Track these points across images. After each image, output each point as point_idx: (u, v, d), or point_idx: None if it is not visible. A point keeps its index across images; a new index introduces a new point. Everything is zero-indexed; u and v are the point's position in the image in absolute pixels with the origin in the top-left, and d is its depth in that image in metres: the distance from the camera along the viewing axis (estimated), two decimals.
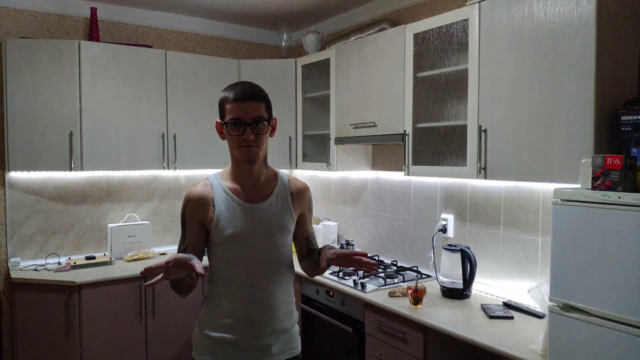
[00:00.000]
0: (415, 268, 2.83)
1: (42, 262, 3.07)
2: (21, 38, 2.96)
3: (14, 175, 3.06)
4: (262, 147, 1.52)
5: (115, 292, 2.85)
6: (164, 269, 1.26)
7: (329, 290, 2.70)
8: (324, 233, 3.38)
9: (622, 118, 1.70)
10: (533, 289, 1.89)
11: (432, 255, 2.75)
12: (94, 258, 3.11)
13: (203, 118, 3.37)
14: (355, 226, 3.46)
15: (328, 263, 1.50)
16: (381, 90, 2.71)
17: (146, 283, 1.29)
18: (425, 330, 2.11)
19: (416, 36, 2.51)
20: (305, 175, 3.98)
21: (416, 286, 2.23)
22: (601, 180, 1.51)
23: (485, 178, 2.17)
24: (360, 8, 3.36)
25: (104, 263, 3.09)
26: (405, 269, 2.83)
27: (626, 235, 1.41)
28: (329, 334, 2.72)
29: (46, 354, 2.77)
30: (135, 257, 3.20)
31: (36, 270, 2.93)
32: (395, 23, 2.94)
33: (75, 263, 3.00)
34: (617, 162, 1.47)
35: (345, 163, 3.17)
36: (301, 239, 1.71)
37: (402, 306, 2.24)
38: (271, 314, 1.56)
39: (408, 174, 2.58)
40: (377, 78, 2.74)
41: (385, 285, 2.55)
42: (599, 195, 1.48)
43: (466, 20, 2.24)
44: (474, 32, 2.19)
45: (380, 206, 3.25)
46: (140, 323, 2.94)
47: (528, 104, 1.98)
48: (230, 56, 3.89)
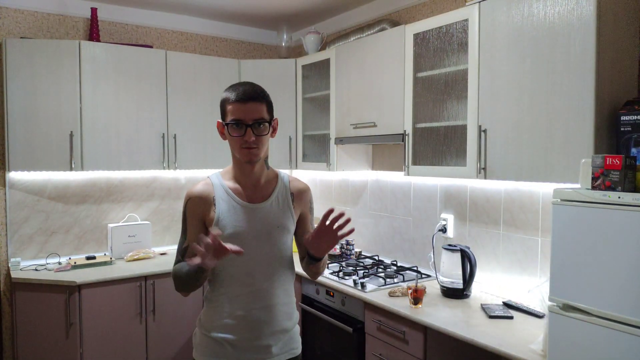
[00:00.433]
0: (415, 268, 2.83)
1: (43, 262, 3.07)
2: (21, 38, 2.96)
3: (14, 175, 3.07)
4: (263, 148, 1.53)
5: (115, 292, 2.85)
6: (207, 250, 1.31)
7: (329, 290, 2.70)
8: None
9: (622, 118, 1.70)
10: (533, 289, 1.90)
11: (432, 255, 2.75)
12: (94, 258, 3.11)
13: (203, 118, 3.37)
14: (355, 226, 3.46)
15: (311, 253, 1.52)
16: (381, 90, 2.71)
17: (188, 261, 1.35)
18: (425, 330, 2.11)
19: (416, 36, 2.51)
20: (305, 175, 3.98)
21: (416, 286, 2.23)
22: (601, 180, 1.51)
23: (485, 178, 2.17)
24: (360, 8, 3.36)
25: (104, 263, 3.09)
26: (405, 269, 2.83)
27: (626, 235, 1.41)
28: (329, 334, 2.72)
29: (46, 354, 2.77)
30: (135, 257, 3.20)
31: (36, 270, 2.94)
32: (395, 23, 2.94)
33: (75, 263, 3.00)
34: (617, 162, 1.48)
35: (345, 163, 3.17)
36: (302, 240, 1.71)
37: (402, 306, 2.24)
38: (271, 315, 1.56)
39: (408, 174, 2.58)
40: (377, 78, 2.74)
41: (385, 285, 2.55)
42: (599, 195, 1.48)
43: (466, 20, 2.24)
44: (474, 32, 2.19)
45: (380, 206, 3.25)
46: (140, 323, 2.94)
47: (528, 104, 1.98)
48: (230, 56, 3.90)
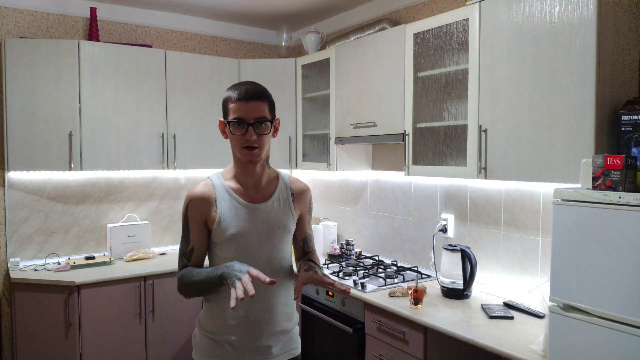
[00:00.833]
0: (415, 268, 2.83)
1: (42, 262, 3.07)
2: (21, 38, 2.96)
3: (14, 175, 3.06)
4: (265, 148, 1.52)
5: (115, 293, 2.85)
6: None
7: (329, 290, 2.69)
8: (324, 233, 3.38)
9: (622, 118, 1.70)
10: (533, 289, 1.89)
11: (432, 255, 2.75)
12: (94, 258, 3.10)
13: (203, 118, 3.37)
14: (355, 226, 3.46)
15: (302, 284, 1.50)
16: (381, 90, 2.71)
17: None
18: (425, 330, 2.10)
19: (416, 36, 2.51)
20: (305, 175, 3.98)
21: (416, 286, 2.23)
22: (601, 180, 1.51)
23: (485, 178, 2.16)
24: (360, 8, 3.36)
25: (104, 263, 3.09)
26: (405, 269, 2.83)
27: (626, 235, 1.41)
28: (329, 335, 2.72)
29: (46, 354, 2.76)
30: (134, 257, 3.20)
31: (36, 270, 2.93)
32: (395, 23, 2.94)
33: (74, 263, 2.99)
34: (618, 162, 1.47)
35: (345, 163, 3.16)
36: (298, 240, 1.71)
37: (402, 306, 2.24)
38: (272, 315, 1.56)
39: (408, 174, 2.57)
40: (377, 78, 2.74)
41: (385, 285, 2.55)
42: (600, 195, 1.48)
43: (466, 20, 2.24)
44: (474, 32, 2.19)
45: (380, 206, 3.24)
46: (140, 323, 2.93)
47: (528, 104, 1.98)
48: (230, 56, 3.89)
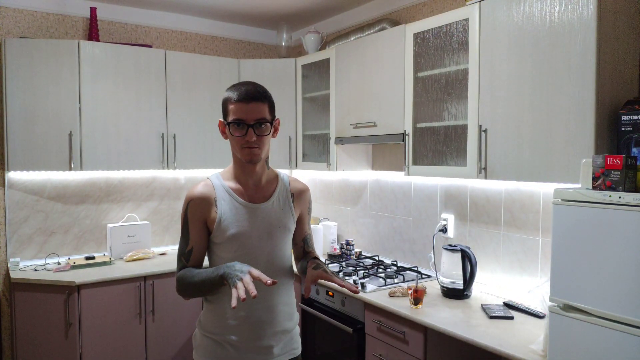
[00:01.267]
0: (415, 268, 2.83)
1: (42, 262, 3.07)
2: (21, 38, 2.96)
3: (14, 175, 3.06)
4: (265, 149, 1.52)
5: (114, 293, 2.85)
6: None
7: (329, 290, 2.69)
8: (324, 233, 3.38)
9: (623, 118, 1.70)
10: (533, 289, 1.89)
11: (432, 255, 2.75)
12: (94, 258, 3.10)
13: (203, 118, 3.37)
14: (355, 226, 3.46)
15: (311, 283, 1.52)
16: (381, 90, 2.71)
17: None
18: (425, 330, 2.10)
19: (416, 36, 2.51)
20: (305, 175, 3.98)
21: (416, 286, 2.23)
22: (601, 180, 1.51)
23: (485, 178, 2.16)
24: (360, 8, 3.36)
25: (104, 263, 3.09)
26: (405, 269, 2.83)
27: (626, 235, 1.41)
28: (329, 335, 2.72)
29: (46, 354, 2.76)
30: (134, 257, 3.20)
31: (36, 270, 2.93)
32: (395, 23, 2.94)
33: (74, 263, 2.99)
34: (618, 162, 1.47)
35: (345, 163, 3.16)
36: (298, 240, 1.71)
37: (402, 306, 2.24)
38: (272, 315, 1.56)
39: (408, 174, 2.57)
40: (377, 78, 2.74)
41: (385, 285, 2.55)
42: (600, 195, 1.48)
43: (466, 20, 2.24)
44: (474, 32, 2.19)
45: (380, 206, 3.24)
46: (140, 323, 2.93)
47: (528, 104, 1.98)
48: (230, 56, 3.89)
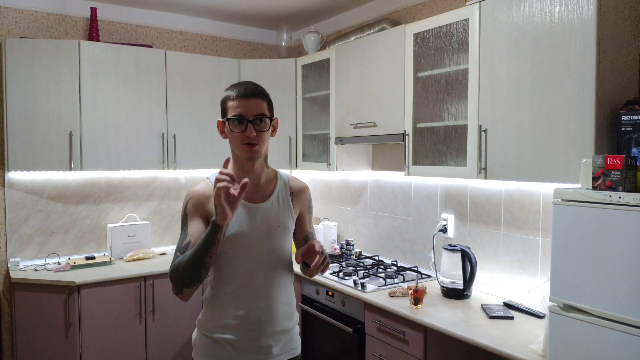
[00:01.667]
0: (415, 268, 2.83)
1: (42, 262, 3.07)
2: (21, 38, 2.96)
3: (14, 175, 3.06)
4: (264, 145, 1.53)
5: (115, 293, 2.85)
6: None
7: (329, 290, 2.69)
8: (324, 233, 3.38)
9: (622, 118, 1.70)
10: (533, 289, 1.89)
11: (432, 255, 2.75)
12: (94, 258, 3.10)
13: (203, 118, 3.37)
14: (355, 226, 3.46)
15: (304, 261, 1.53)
16: (381, 90, 2.71)
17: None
18: (425, 330, 2.10)
19: (416, 36, 2.51)
20: (305, 175, 3.98)
21: (416, 286, 2.23)
22: (601, 180, 1.51)
23: (485, 178, 2.16)
24: (360, 8, 3.36)
25: (104, 263, 3.09)
26: (405, 269, 2.83)
27: (626, 235, 1.41)
28: (329, 335, 2.72)
29: (46, 354, 2.76)
30: (135, 257, 3.20)
31: (36, 270, 2.93)
32: (395, 23, 2.94)
33: (74, 263, 2.99)
34: (618, 162, 1.47)
35: (345, 163, 3.16)
36: (300, 239, 1.71)
37: (402, 306, 2.24)
38: (272, 314, 1.56)
39: (408, 174, 2.57)
40: (377, 78, 2.74)
41: (385, 285, 2.55)
42: (600, 195, 1.48)
43: (466, 20, 2.24)
44: (474, 32, 2.19)
45: (380, 206, 3.24)
46: (140, 323, 2.93)
47: (528, 104, 1.98)
48: (230, 56, 3.90)
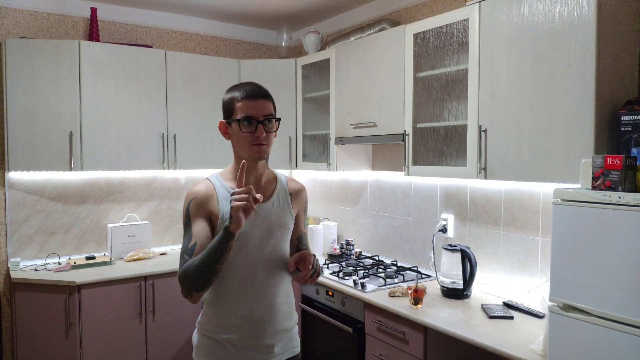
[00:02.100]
0: (415, 268, 2.83)
1: (42, 262, 3.07)
2: (21, 38, 2.96)
3: (14, 175, 3.06)
4: (271, 146, 1.55)
5: (115, 292, 2.85)
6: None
7: (329, 290, 2.69)
8: (324, 233, 3.38)
9: (622, 118, 1.70)
10: (533, 289, 1.90)
11: (432, 255, 2.75)
12: (94, 258, 3.11)
13: (203, 118, 3.37)
14: (355, 226, 3.46)
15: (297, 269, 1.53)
16: (381, 90, 2.71)
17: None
18: (425, 330, 2.11)
19: (416, 36, 2.51)
20: (305, 175, 3.98)
21: (416, 286, 2.23)
22: (601, 180, 1.51)
23: (485, 178, 2.17)
24: (360, 8, 3.36)
25: (104, 263, 3.09)
26: (405, 269, 2.83)
27: (626, 235, 1.41)
28: (329, 334, 2.72)
29: (46, 354, 2.76)
30: (135, 257, 3.20)
31: (36, 270, 2.93)
32: (395, 23, 2.94)
33: (75, 263, 3.00)
34: (617, 162, 1.47)
35: (345, 163, 3.17)
36: (293, 239, 1.71)
37: (402, 306, 2.24)
38: (273, 314, 1.57)
39: (408, 174, 2.57)
40: (377, 78, 2.74)
41: (385, 285, 2.55)
42: (599, 195, 1.48)
43: (466, 20, 2.24)
44: (474, 32, 2.19)
45: (380, 206, 3.24)
46: (140, 323, 2.94)
47: (528, 104, 1.98)
48: (230, 56, 3.90)
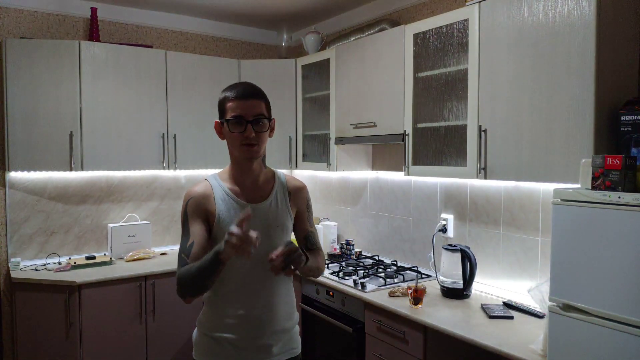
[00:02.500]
0: (415, 268, 2.83)
1: (42, 262, 3.07)
2: (21, 38, 2.97)
3: (14, 175, 3.07)
4: (263, 146, 1.54)
5: (115, 292, 2.85)
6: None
7: (329, 290, 2.70)
8: (324, 233, 3.38)
9: (622, 118, 1.70)
10: (533, 289, 1.90)
11: (432, 255, 2.75)
12: (94, 258, 3.11)
13: (203, 118, 3.37)
14: (355, 226, 3.47)
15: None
16: (381, 90, 2.71)
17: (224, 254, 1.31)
18: (425, 330, 2.11)
19: (416, 36, 2.51)
20: (305, 175, 3.98)
21: (416, 286, 2.23)
22: (601, 180, 1.51)
23: (485, 178, 2.17)
24: (360, 8, 3.36)
25: (104, 263, 3.09)
26: (405, 269, 2.83)
27: (626, 235, 1.41)
28: (329, 334, 2.72)
29: (46, 354, 2.77)
30: (135, 257, 3.20)
31: (36, 270, 2.94)
32: (395, 23, 2.94)
33: (75, 263, 3.00)
34: (617, 162, 1.48)
35: (345, 163, 3.17)
36: (300, 238, 1.71)
37: (402, 306, 2.24)
38: (272, 314, 1.56)
39: (408, 174, 2.58)
40: (377, 78, 2.74)
41: (385, 285, 2.55)
42: (599, 195, 1.48)
43: (466, 20, 2.24)
44: (474, 32, 2.19)
45: (380, 206, 3.25)
46: (140, 323, 2.94)
47: (528, 104, 1.98)
48: (230, 56, 3.90)
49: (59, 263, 3.06)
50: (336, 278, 2.70)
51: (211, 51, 3.82)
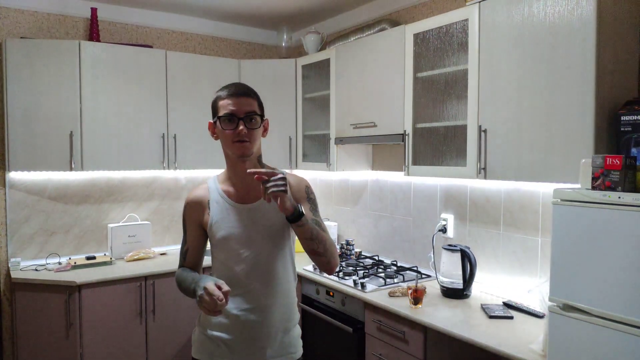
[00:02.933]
0: (415, 268, 2.83)
1: (43, 262, 3.07)
2: (21, 38, 2.97)
3: (14, 175, 3.07)
4: (255, 143, 1.53)
5: (115, 292, 2.85)
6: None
7: (329, 290, 2.70)
8: None
9: (622, 118, 1.70)
10: (533, 289, 1.90)
11: (432, 255, 2.75)
12: (94, 258, 3.11)
13: (203, 118, 3.37)
14: (355, 226, 3.47)
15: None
16: (381, 90, 2.71)
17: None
18: (425, 330, 2.11)
19: (416, 36, 2.51)
20: (305, 175, 3.98)
21: (416, 286, 2.23)
22: (601, 180, 1.51)
23: (485, 178, 2.17)
24: (360, 8, 3.36)
25: (104, 263, 3.09)
26: (405, 269, 2.83)
27: (626, 235, 1.41)
28: (329, 334, 2.72)
29: (46, 354, 2.77)
30: (135, 257, 3.20)
31: (36, 270, 2.94)
32: (395, 23, 2.94)
33: (75, 263, 3.00)
34: (617, 162, 1.48)
35: (345, 163, 3.17)
36: None
37: (402, 306, 2.24)
38: (266, 316, 1.54)
39: (408, 174, 2.58)
40: (377, 78, 2.74)
41: (385, 285, 2.55)
42: (599, 195, 1.48)
43: (466, 20, 2.24)
44: (474, 32, 2.19)
45: (380, 206, 3.25)
46: (140, 323, 2.94)
47: (528, 104, 1.98)
48: (230, 56, 3.90)
49: (59, 263, 3.06)
50: (336, 278, 2.70)
51: (211, 51, 3.82)
